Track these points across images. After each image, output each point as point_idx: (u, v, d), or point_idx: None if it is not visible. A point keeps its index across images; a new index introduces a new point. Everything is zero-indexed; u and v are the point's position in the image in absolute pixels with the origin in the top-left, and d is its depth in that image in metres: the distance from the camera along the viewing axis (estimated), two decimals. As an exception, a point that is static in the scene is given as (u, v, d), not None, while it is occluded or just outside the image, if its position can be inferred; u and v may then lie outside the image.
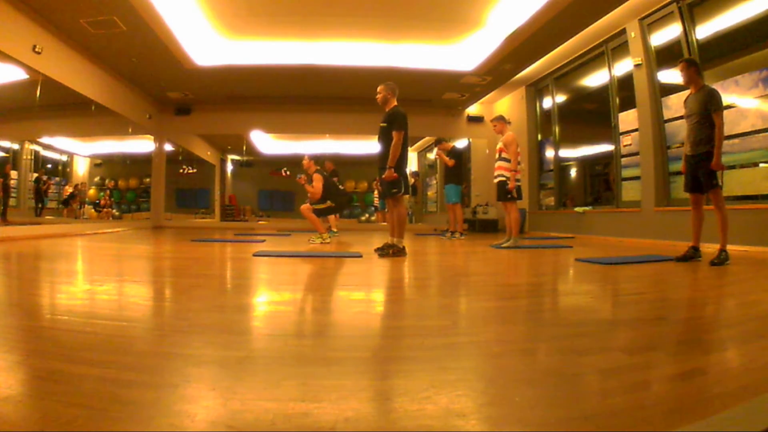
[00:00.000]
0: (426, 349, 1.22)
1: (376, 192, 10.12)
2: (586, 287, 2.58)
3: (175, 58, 6.57)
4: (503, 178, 4.89)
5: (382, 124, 3.92)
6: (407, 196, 3.88)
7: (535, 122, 8.57)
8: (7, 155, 8.82)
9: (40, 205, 9.12)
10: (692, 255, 3.41)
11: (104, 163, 12.27)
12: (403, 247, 3.86)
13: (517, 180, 4.87)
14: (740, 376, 1.05)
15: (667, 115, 5.41)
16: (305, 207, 5.56)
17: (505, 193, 4.87)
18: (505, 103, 9.42)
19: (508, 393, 0.94)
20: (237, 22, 5.92)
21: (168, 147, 10.17)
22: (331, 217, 6.77)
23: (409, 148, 13.06)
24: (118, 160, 12.02)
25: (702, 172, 3.22)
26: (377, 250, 3.92)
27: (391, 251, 3.80)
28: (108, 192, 11.86)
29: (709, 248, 3.39)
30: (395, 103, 3.96)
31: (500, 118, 5.16)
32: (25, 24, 5.14)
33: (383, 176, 3.83)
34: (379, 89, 4.00)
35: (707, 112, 3.16)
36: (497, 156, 5.04)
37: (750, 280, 2.64)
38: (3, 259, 3.39)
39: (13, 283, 2.41)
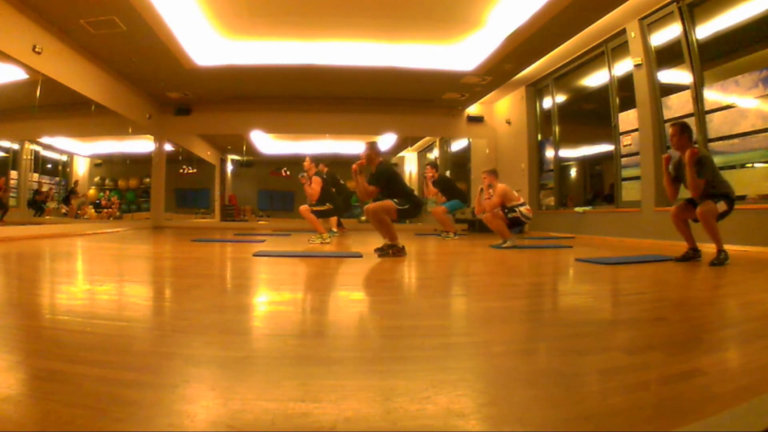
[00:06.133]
0: (426, 349, 1.22)
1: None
2: (587, 287, 2.58)
3: (175, 58, 6.56)
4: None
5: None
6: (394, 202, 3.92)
7: (535, 122, 8.57)
8: (7, 155, 8.83)
9: (35, 212, 9.18)
10: (692, 255, 3.42)
11: (104, 163, 12.27)
12: (403, 247, 3.86)
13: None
14: (740, 376, 1.05)
15: (667, 115, 5.41)
16: (304, 208, 5.56)
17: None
18: (505, 103, 9.42)
19: (508, 393, 0.94)
20: (237, 22, 5.92)
21: (168, 147, 10.16)
22: (332, 218, 6.77)
23: (409, 148, 13.12)
24: (118, 160, 12.02)
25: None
26: (377, 250, 3.92)
27: (391, 251, 3.80)
28: (107, 192, 11.86)
29: (710, 248, 3.39)
30: (380, 160, 4.06)
31: (492, 172, 5.47)
32: (25, 24, 5.13)
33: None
34: (362, 154, 4.04)
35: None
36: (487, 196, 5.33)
37: (750, 280, 2.64)
38: (3, 259, 3.39)
39: (13, 283, 2.41)
